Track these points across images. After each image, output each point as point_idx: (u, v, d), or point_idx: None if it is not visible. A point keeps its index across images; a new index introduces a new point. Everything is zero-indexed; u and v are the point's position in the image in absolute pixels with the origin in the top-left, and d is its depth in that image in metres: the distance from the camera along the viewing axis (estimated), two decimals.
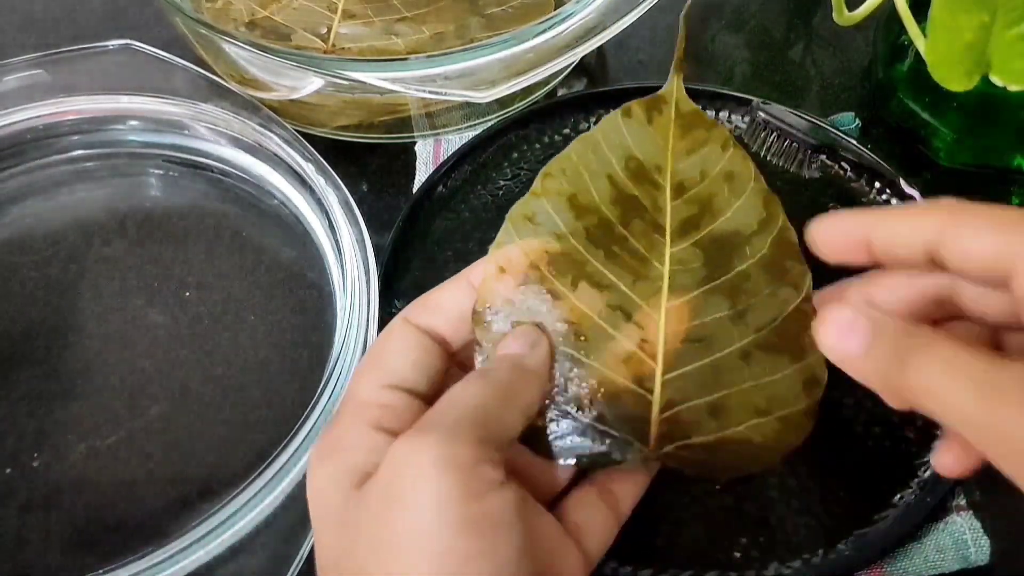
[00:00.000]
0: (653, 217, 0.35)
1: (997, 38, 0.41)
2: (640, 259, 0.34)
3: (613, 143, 0.36)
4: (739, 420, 0.33)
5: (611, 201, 0.35)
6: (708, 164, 0.35)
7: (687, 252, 0.34)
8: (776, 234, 0.34)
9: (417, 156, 0.49)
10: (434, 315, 0.32)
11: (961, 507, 0.38)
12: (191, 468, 0.39)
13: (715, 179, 0.35)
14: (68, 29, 0.56)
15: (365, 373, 0.32)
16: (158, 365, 0.42)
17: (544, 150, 0.49)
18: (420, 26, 0.51)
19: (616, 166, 0.35)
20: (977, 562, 0.37)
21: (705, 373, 0.33)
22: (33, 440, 0.40)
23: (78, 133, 0.49)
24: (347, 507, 0.28)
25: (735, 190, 0.35)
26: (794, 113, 0.47)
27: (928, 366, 0.27)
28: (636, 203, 0.35)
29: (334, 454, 0.29)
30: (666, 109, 0.37)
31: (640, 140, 0.36)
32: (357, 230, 0.42)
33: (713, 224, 0.35)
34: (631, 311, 0.33)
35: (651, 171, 0.35)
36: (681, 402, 0.33)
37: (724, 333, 0.33)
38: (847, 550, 0.36)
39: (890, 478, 0.38)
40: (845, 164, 0.47)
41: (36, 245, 0.46)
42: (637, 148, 0.36)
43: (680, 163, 0.36)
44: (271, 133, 0.46)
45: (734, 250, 0.34)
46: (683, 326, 0.33)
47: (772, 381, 0.33)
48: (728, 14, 0.58)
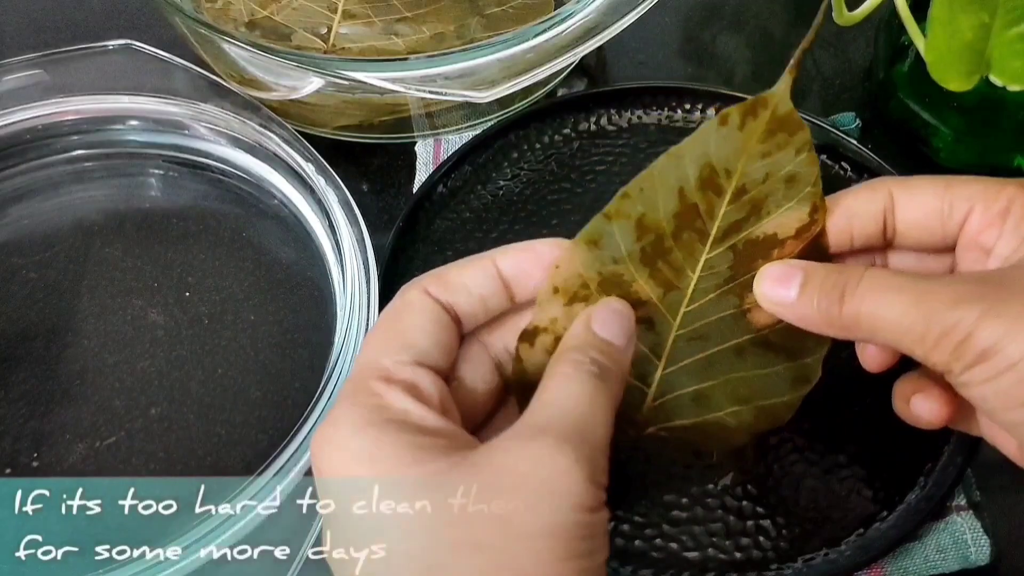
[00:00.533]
0: (703, 223, 0.33)
1: (997, 38, 0.41)
2: (677, 270, 0.33)
3: (697, 153, 0.33)
4: (719, 407, 0.34)
5: (673, 215, 0.33)
6: (776, 167, 0.33)
7: (720, 257, 0.34)
8: (812, 239, 0.33)
9: (417, 156, 0.49)
10: (456, 293, 0.31)
11: (961, 507, 0.38)
12: (191, 468, 0.39)
13: (776, 180, 0.33)
14: (68, 29, 0.56)
15: (386, 345, 0.30)
16: (158, 365, 0.42)
17: (544, 150, 0.49)
18: (420, 26, 0.51)
19: (691, 177, 0.33)
20: (977, 562, 0.37)
21: (699, 365, 0.34)
22: (32, 440, 0.40)
23: (78, 133, 0.49)
24: (429, 481, 0.26)
25: (791, 193, 0.33)
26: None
27: (865, 292, 0.30)
28: (694, 211, 0.33)
29: (388, 425, 0.27)
30: (763, 112, 0.33)
31: (724, 146, 0.33)
32: (357, 230, 0.42)
33: (755, 226, 0.34)
34: (655, 320, 0.34)
35: (720, 176, 0.33)
36: (670, 391, 0.34)
37: (724, 329, 0.34)
38: (847, 550, 0.36)
39: (890, 478, 0.38)
40: (845, 164, 0.47)
41: (36, 246, 0.46)
42: (716, 155, 0.33)
43: (751, 166, 0.33)
44: (271, 133, 0.46)
45: (764, 251, 0.34)
46: (691, 327, 0.34)
47: (759, 375, 0.34)
48: (728, 14, 0.58)
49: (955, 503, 0.38)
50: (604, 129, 0.49)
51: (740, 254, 0.34)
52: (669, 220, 0.33)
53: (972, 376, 0.28)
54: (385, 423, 0.27)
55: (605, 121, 0.50)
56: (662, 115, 0.50)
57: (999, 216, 0.31)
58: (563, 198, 0.47)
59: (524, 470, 0.26)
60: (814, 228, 0.33)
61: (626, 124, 0.50)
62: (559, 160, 0.48)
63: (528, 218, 0.46)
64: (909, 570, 0.37)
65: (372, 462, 0.27)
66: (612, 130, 0.49)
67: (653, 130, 0.49)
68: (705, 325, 0.34)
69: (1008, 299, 0.28)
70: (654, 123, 0.50)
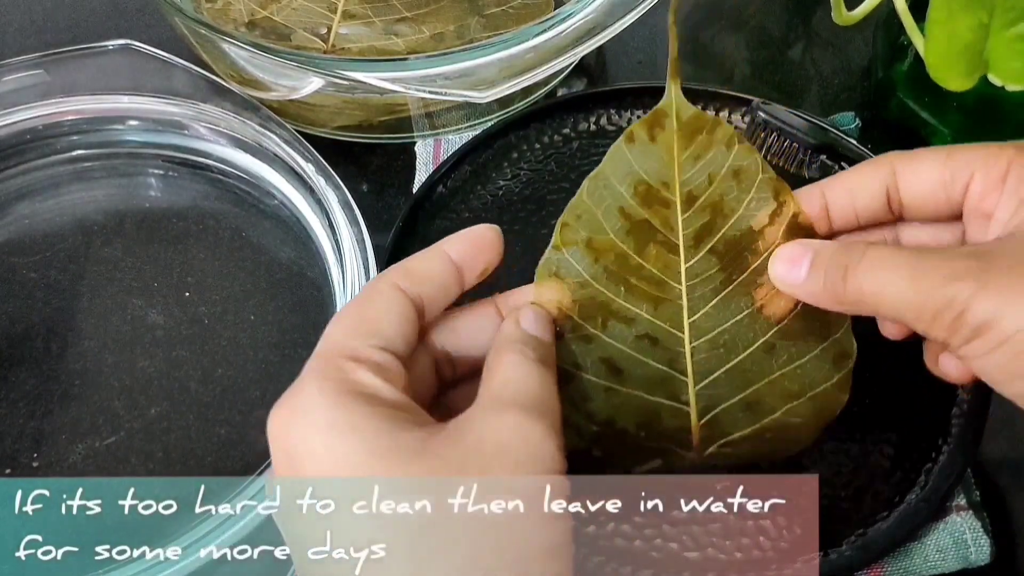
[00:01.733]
0: (666, 237, 0.34)
1: (995, 38, 0.41)
2: (657, 283, 0.34)
3: (621, 173, 0.35)
4: (773, 408, 0.35)
5: (625, 233, 0.34)
6: (715, 166, 0.35)
7: (702, 263, 0.35)
8: (789, 221, 0.34)
9: (417, 156, 0.49)
10: (421, 284, 0.32)
11: (961, 507, 0.38)
12: (191, 468, 0.39)
13: (723, 179, 0.35)
14: (68, 29, 0.56)
15: (353, 329, 0.30)
16: (158, 365, 0.42)
17: (544, 150, 0.49)
18: (420, 26, 0.51)
19: (626, 196, 0.35)
20: (977, 562, 0.37)
21: (733, 375, 0.35)
22: (32, 440, 0.40)
23: (78, 133, 0.49)
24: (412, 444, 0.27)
25: (744, 186, 0.35)
26: (794, 113, 0.47)
27: (866, 270, 0.30)
28: (648, 227, 0.34)
29: (360, 397, 0.28)
30: (667, 121, 0.35)
31: (645, 161, 0.35)
32: (357, 230, 0.42)
33: (726, 226, 0.35)
34: (657, 336, 0.34)
35: (659, 190, 0.35)
36: (716, 406, 0.35)
37: (745, 332, 0.35)
38: (847, 550, 0.36)
39: (890, 479, 0.38)
40: (845, 164, 0.47)
41: (36, 245, 0.46)
42: (643, 170, 0.35)
43: (687, 173, 0.35)
44: (271, 133, 0.46)
45: (747, 247, 0.34)
46: (706, 337, 0.35)
47: (800, 365, 0.35)
48: (728, 14, 0.58)
49: (955, 503, 0.38)
50: (604, 129, 0.49)
51: (724, 255, 0.34)
52: (623, 238, 0.34)
53: (970, 350, 0.29)
54: (357, 395, 0.28)
55: (605, 121, 0.50)
56: None
57: (999, 180, 0.31)
58: (563, 198, 0.47)
59: (503, 439, 0.27)
60: (786, 210, 0.34)
61: (625, 124, 0.49)
62: (559, 160, 0.48)
63: (527, 218, 0.46)
64: (909, 570, 0.37)
65: (352, 431, 0.27)
66: (612, 130, 0.49)
67: None
68: (722, 333, 0.35)
69: (1001, 272, 0.28)
70: None
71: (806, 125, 0.46)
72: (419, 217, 0.45)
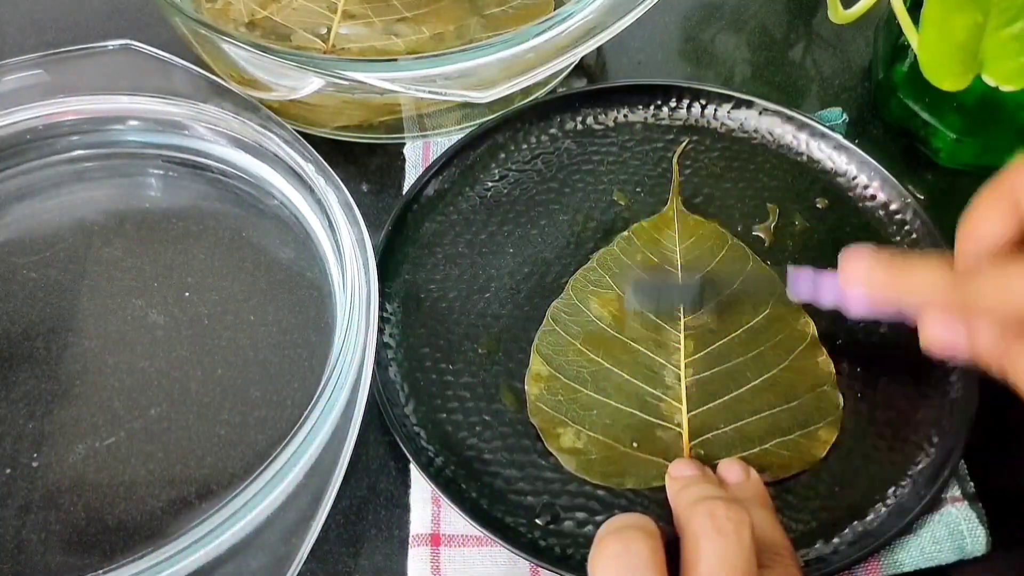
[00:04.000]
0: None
1: (990, 38, 0.41)
2: (657, 344, 0.41)
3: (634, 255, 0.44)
4: (764, 440, 0.39)
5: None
6: (711, 251, 0.44)
7: (699, 318, 0.42)
8: (778, 296, 0.41)
9: (407, 159, 0.49)
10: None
11: (956, 498, 0.38)
12: (191, 468, 0.39)
13: (720, 261, 0.44)
14: (68, 29, 0.56)
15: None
16: (158, 365, 0.42)
17: (531, 150, 0.49)
18: (420, 26, 0.51)
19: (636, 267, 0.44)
20: (973, 552, 0.37)
21: (727, 407, 0.40)
22: (33, 440, 0.40)
23: (78, 133, 0.49)
24: None
25: (736, 270, 0.43)
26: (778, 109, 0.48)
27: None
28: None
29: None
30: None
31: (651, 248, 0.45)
32: (357, 230, 0.42)
33: (721, 294, 0.42)
34: (655, 369, 0.41)
35: (663, 260, 0.44)
36: (708, 431, 0.39)
37: (740, 373, 0.40)
38: (843, 544, 0.36)
39: (884, 471, 0.38)
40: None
41: (36, 245, 0.46)
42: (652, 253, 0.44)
43: (685, 246, 0.45)
44: (271, 133, 0.46)
45: (743, 310, 0.42)
46: (702, 374, 0.40)
47: (790, 407, 0.39)
48: (728, 14, 0.58)
49: (950, 494, 0.38)
50: (591, 128, 0.49)
51: (720, 312, 0.42)
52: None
53: None
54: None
55: (591, 120, 0.50)
56: (648, 113, 0.50)
57: None
58: (551, 198, 0.47)
59: None
60: (775, 287, 0.42)
61: (612, 123, 0.50)
62: (546, 160, 0.48)
63: (517, 218, 0.46)
64: (906, 562, 0.37)
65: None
66: (599, 129, 0.49)
67: (639, 128, 0.49)
68: (718, 372, 0.40)
69: None
70: (640, 121, 0.50)
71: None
72: (408, 219, 0.45)
